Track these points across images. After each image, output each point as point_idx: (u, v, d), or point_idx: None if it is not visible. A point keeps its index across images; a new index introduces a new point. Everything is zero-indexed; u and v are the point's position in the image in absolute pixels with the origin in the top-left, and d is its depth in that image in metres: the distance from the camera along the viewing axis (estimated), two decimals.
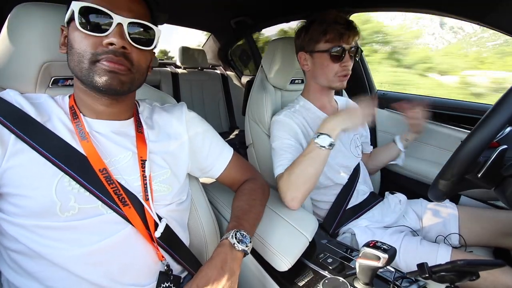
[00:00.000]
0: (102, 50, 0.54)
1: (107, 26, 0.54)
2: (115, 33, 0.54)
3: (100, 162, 0.59)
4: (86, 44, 0.54)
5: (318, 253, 0.79)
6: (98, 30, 0.54)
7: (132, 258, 0.60)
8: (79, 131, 0.59)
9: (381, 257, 0.59)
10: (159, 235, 0.63)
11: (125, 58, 0.56)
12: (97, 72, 0.55)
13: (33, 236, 0.54)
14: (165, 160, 0.69)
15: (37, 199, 0.53)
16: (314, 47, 1.00)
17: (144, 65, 0.62)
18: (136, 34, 0.57)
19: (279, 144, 0.98)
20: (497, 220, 0.96)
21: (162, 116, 0.75)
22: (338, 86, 1.02)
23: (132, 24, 0.56)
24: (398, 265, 0.90)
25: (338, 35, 0.95)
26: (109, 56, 0.54)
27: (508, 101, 0.57)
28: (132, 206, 0.60)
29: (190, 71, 2.66)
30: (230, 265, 0.61)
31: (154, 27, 0.60)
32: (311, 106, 1.08)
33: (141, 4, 0.60)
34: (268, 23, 2.09)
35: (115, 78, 0.56)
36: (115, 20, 0.54)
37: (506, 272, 0.77)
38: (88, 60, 0.54)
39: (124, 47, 0.55)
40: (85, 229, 0.56)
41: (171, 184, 0.69)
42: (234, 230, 0.66)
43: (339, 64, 0.97)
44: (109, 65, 0.55)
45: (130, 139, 0.65)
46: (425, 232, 1.06)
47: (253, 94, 1.21)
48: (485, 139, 0.59)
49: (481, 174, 0.63)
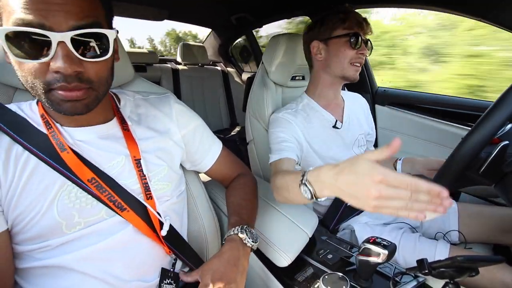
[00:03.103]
0: (53, 77, 0.45)
1: (47, 47, 0.43)
2: (59, 56, 0.44)
3: (87, 172, 0.55)
4: (31, 74, 0.45)
5: (318, 249, 0.80)
6: (38, 55, 0.44)
7: (137, 255, 0.60)
8: (57, 142, 0.54)
9: (381, 253, 0.59)
10: (165, 233, 0.62)
11: (80, 81, 0.47)
12: (55, 102, 0.47)
13: (39, 255, 0.54)
14: (160, 157, 0.67)
15: (41, 224, 0.52)
16: (330, 34, 0.98)
17: (106, 73, 0.52)
18: (87, 46, 0.46)
19: (273, 139, 0.98)
20: (496, 217, 0.96)
21: (149, 110, 0.70)
22: (352, 75, 1.00)
23: (77, 36, 0.44)
24: (397, 262, 0.90)
25: (357, 23, 0.95)
26: (62, 85, 0.45)
27: (509, 97, 0.57)
28: (131, 209, 0.58)
29: (190, 68, 2.65)
30: (242, 262, 0.61)
31: (105, 31, 0.47)
32: (315, 105, 1.06)
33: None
34: (269, 19, 2.08)
35: (77, 104, 0.49)
36: (53, 39, 0.42)
37: (503, 268, 0.77)
38: (41, 90, 0.46)
39: (75, 70, 0.45)
40: (90, 234, 0.56)
41: (170, 180, 0.68)
42: (241, 225, 0.66)
43: (355, 52, 0.96)
44: (65, 94, 0.46)
45: (119, 141, 0.61)
46: (424, 228, 1.06)
47: (254, 91, 1.21)
48: (487, 134, 0.59)
49: (482, 170, 0.63)
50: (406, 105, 1.49)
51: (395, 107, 1.52)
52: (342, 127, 1.06)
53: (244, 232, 0.64)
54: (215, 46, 2.84)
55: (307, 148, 1.01)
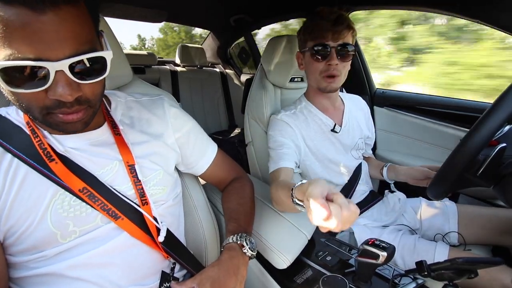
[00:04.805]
0: (52, 103, 0.44)
1: (43, 76, 0.41)
2: (58, 84, 0.42)
3: (77, 182, 0.54)
4: (27, 100, 0.44)
5: (317, 251, 0.80)
6: (34, 85, 0.42)
7: (134, 260, 0.59)
8: (43, 152, 0.52)
9: (380, 255, 0.59)
10: (162, 239, 0.61)
11: (79, 103, 0.46)
12: (54, 123, 0.47)
13: (35, 264, 0.53)
14: (155, 162, 0.65)
15: (35, 235, 0.51)
16: (304, 46, 0.97)
17: (101, 88, 0.51)
18: (84, 69, 0.45)
19: (271, 143, 0.98)
20: (496, 218, 0.97)
21: (141, 112, 0.68)
22: (325, 87, 0.96)
23: (74, 63, 0.43)
24: (397, 264, 0.90)
25: (321, 33, 0.90)
26: (62, 110, 0.45)
27: (506, 100, 0.58)
28: (125, 217, 0.57)
29: (189, 69, 2.65)
30: (241, 271, 0.60)
31: (103, 54, 0.46)
32: (313, 109, 1.05)
33: (78, 22, 0.42)
34: (268, 21, 2.08)
35: (77, 124, 0.49)
36: (51, 69, 0.41)
37: (503, 270, 0.77)
38: (38, 113, 0.45)
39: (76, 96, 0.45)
40: (86, 241, 0.55)
41: (165, 184, 0.67)
42: (240, 233, 0.65)
43: (324, 63, 0.92)
44: (65, 118, 0.46)
45: (111, 147, 0.60)
46: (424, 230, 1.06)
47: (253, 92, 1.21)
48: (484, 137, 0.59)
49: (480, 173, 0.63)
50: (405, 106, 1.49)
51: (394, 108, 1.52)
52: (341, 131, 1.05)
53: (244, 240, 0.64)
54: (214, 47, 2.84)
55: (305, 151, 1.01)
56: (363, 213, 1.06)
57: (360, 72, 1.59)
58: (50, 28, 0.39)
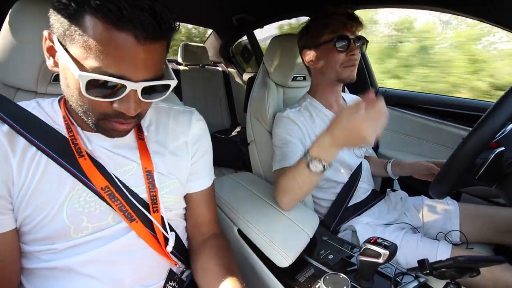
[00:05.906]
0: (113, 112, 0.49)
1: (117, 90, 0.47)
2: (128, 100, 0.47)
3: (101, 180, 0.56)
4: (92, 105, 0.48)
5: (319, 250, 0.80)
6: (108, 95, 0.47)
7: (142, 260, 0.60)
8: (75, 147, 0.55)
9: (382, 253, 0.59)
10: (170, 249, 0.62)
11: (133, 116, 0.50)
12: (104, 128, 0.51)
13: (45, 256, 0.55)
14: (171, 171, 0.65)
15: (50, 226, 0.53)
16: (318, 40, 0.98)
17: (151, 105, 0.57)
18: (150, 92, 0.50)
19: (277, 141, 0.99)
20: (498, 217, 0.96)
21: (169, 121, 0.69)
22: (347, 77, 0.99)
23: (148, 86, 0.48)
24: (399, 262, 0.90)
25: (341, 24, 0.93)
26: (119, 120, 0.50)
27: (505, 105, 0.58)
28: (139, 220, 0.58)
29: (191, 68, 2.65)
30: None
31: (170, 82, 0.51)
32: (318, 105, 1.07)
33: (160, 53, 0.48)
34: (270, 20, 2.08)
35: (122, 133, 0.54)
36: (128, 87, 0.46)
37: (506, 269, 0.77)
38: (95, 117, 0.49)
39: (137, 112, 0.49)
40: (96, 239, 0.56)
41: (178, 193, 0.67)
42: None
43: (345, 54, 0.95)
44: (118, 127, 0.51)
45: (133, 151, 0.61)
46: (426, 229, 1.06)
47: (255, 91, 1.21)
48: (482, 142, 0.59)
49: (478, 176, 0.63)
50: (407, 105, 1.49)
51: (396, 107, 1.52)
52: None
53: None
54: (216, 46, 2.84)
55: None
56: (366, 211, 1.06)
57: (363, 71, 1.58)
58: (142, 56, 0.45)
